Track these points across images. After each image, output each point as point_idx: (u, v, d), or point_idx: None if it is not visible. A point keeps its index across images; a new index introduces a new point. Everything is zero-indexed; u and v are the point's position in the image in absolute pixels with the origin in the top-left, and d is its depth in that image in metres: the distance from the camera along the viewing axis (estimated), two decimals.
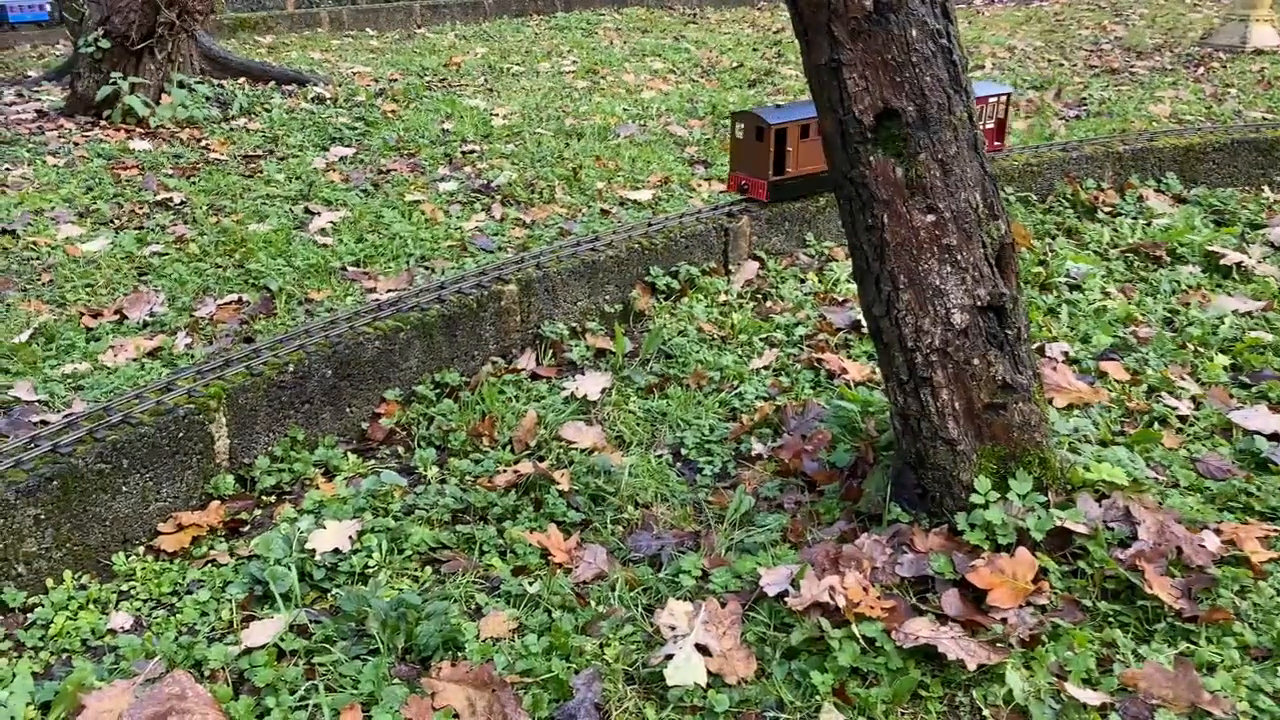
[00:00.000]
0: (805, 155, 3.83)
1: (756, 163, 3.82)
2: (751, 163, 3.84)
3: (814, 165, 3.83)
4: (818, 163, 3.73)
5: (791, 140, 3.77)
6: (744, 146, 3.86)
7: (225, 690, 1.90)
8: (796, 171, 3.86)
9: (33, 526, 2.23)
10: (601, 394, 3.04)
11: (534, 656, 2.00)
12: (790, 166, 3.83)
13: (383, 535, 2.38)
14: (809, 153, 3.83)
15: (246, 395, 2.65)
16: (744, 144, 3.85)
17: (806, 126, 3.79)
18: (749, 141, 3.81)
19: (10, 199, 4.80)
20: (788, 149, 3.78)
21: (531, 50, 9.72)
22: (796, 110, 3.81)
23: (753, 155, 3.81)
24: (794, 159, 3.82)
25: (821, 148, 3.43)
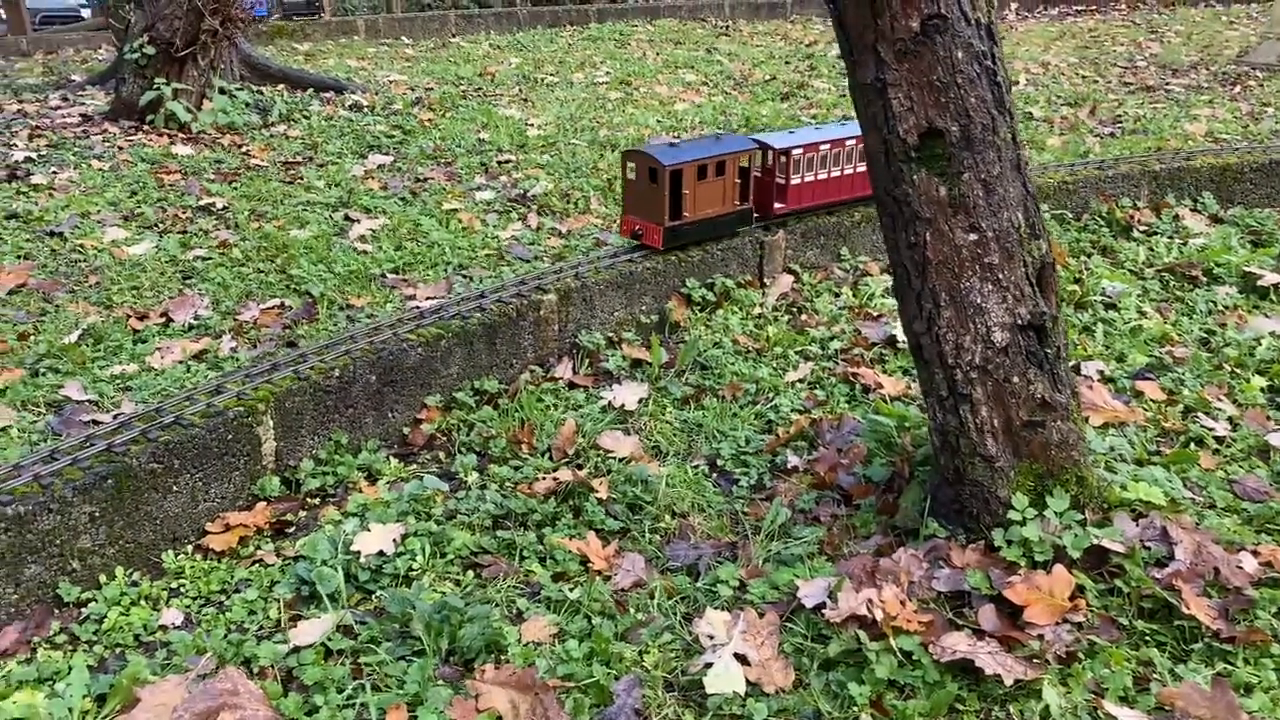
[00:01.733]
0: (704, 198, 3.56)
1: (651, 207, 3.50)
2: (645, 206, 3.53)
3: (713, 208, 3.61)
4: (717, 205, 3.61)
5: (688, 182, 3.47)
6: (636, 189, 3.54)
7: (275, 687, 1.95)
8: (694, 216, 3.55)
9: (88, 524, 2.29)
10: (639, 404, 3.08)
11: (575, 662, 2.04)
12: (688, 210, 3.52)
13: (425, 539, 2.43)
14: (708, 195, 3.57)
15: (293, 399, 2.70)
16: (636, 186, 3.53)
17: (704, 166, 3.50)
18: (642, 183, 3.49)
19: (58, 202, 4.91)
20: (685, 191, 3.48)
21: (565, 61, 9.80)
22: (693, 149, 3.52)
23: (646, 198, 3.50)
24: (691, 202, 3.51)
25: (720, 189, 3.58)
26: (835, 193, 3.99)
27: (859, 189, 4.03)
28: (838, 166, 3.92)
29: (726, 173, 3.57)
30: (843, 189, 4.00)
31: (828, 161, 3.88)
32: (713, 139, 3.61)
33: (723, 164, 3.54)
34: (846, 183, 3.99)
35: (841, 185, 3.99)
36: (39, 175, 5.29)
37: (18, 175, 5.28)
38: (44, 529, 2.21)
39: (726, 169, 3.56)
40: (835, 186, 3.97)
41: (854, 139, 3.88)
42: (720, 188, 3.58)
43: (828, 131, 3.89)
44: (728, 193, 3.62)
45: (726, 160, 3.54)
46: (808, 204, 3.91)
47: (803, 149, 3.77)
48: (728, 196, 3.63)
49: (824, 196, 3.95)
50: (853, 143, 3.89)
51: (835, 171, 3.93)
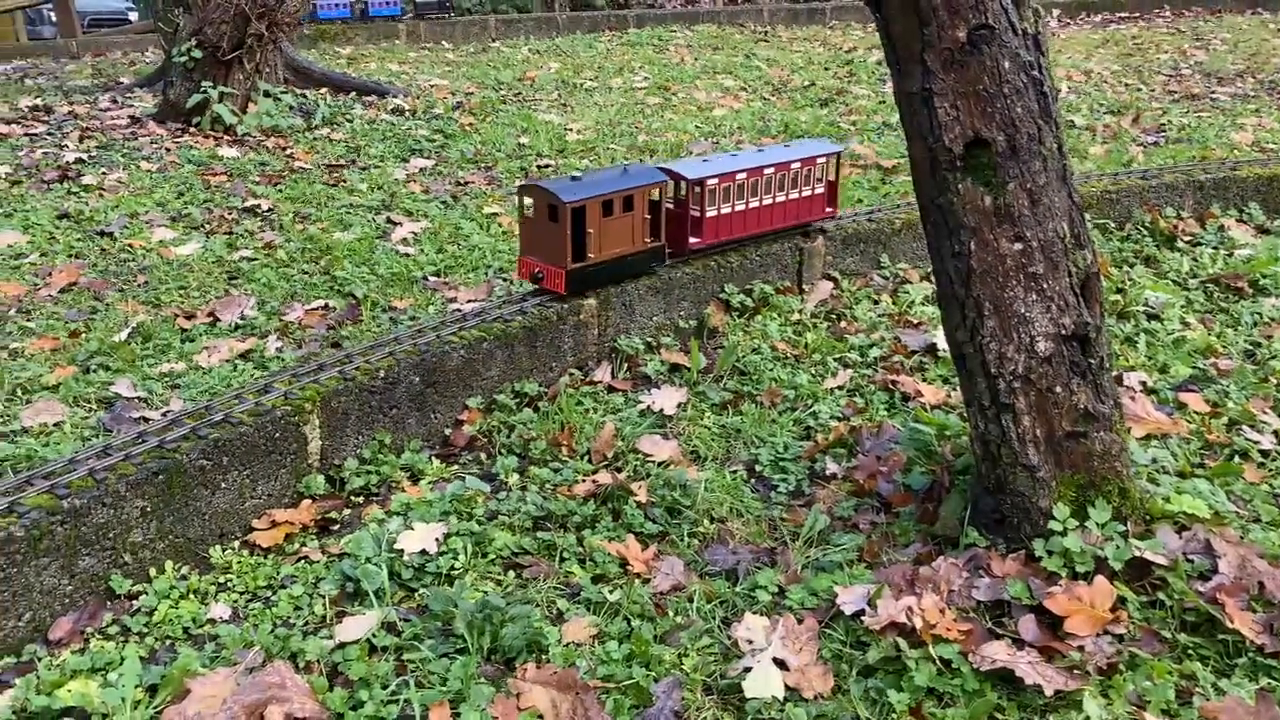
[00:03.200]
0: (611, 236, 3.25)
1: (551, 247, 3.18)
2: (545, 247, 3.21)
3: (622, 247, 3.30)
4: (626, 243, 3.31)
5: (592, 219, 3.17)
6: (535, 227, 3.23)
7: (321, 682, 1.98)
8: (601, 256, 3.24)
9: (139, 518, 2.35)
10: (677, 409, 3.09)
11: (615, 663, 2.06)
12: (593, 251, 3.21)
13: (467, 539, 2.46)
14: (615, 233, 3.26)
15: (339, 399, 2.75)
16: (535, 224, 3.22)
17: (610, 202, 3.20)
18: (541, 221, 3.19)
19: (107, 202, 5.01)
20: (588, 230, 3.17)
21: (604, 66, 9.85)
22: (597, 182, 3.21)
23: (546, 238, 3.19)
24: (596, 242, 3.21)
25: (629, 226, 3.29)
26: (755, 224, 3.70)
27: (780, 220, 3.76)
28: (756, 197, 3.64)
29: (635, 208, 3.29)
30: (763, 220, 3.72)
31: (745, 192, 3.61)
32: (619, 171, 3.31)
33: (630, 198, 3.26)
34: (767, 214, 3.71)
35: (762, 216, 3.70)
36: (89, 176, 5.41)
37: (69, 175, 5.39)
38: (98, 522, 2.27)
39: (635, 203, 3.28)
40: (755, 218, 3.69)
41: (773, 167, 3.64)
42: (629, 224, 3.29)
43: (745, 159, 3.63)
44: (637, 229, 3.33)
45: (635, 194, 3.27)
46: (725, 238, 3.64)
47: (718, 179, 3.51)
48: (637, 233, 3.33)
49: (743, 229, 3.67)
50: (772, 171, 3.64)
51: (754, 202, 3.65)
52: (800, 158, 3.71)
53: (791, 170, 3.69)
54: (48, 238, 4.54)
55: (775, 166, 3.64)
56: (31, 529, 2.15)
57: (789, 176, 3.69)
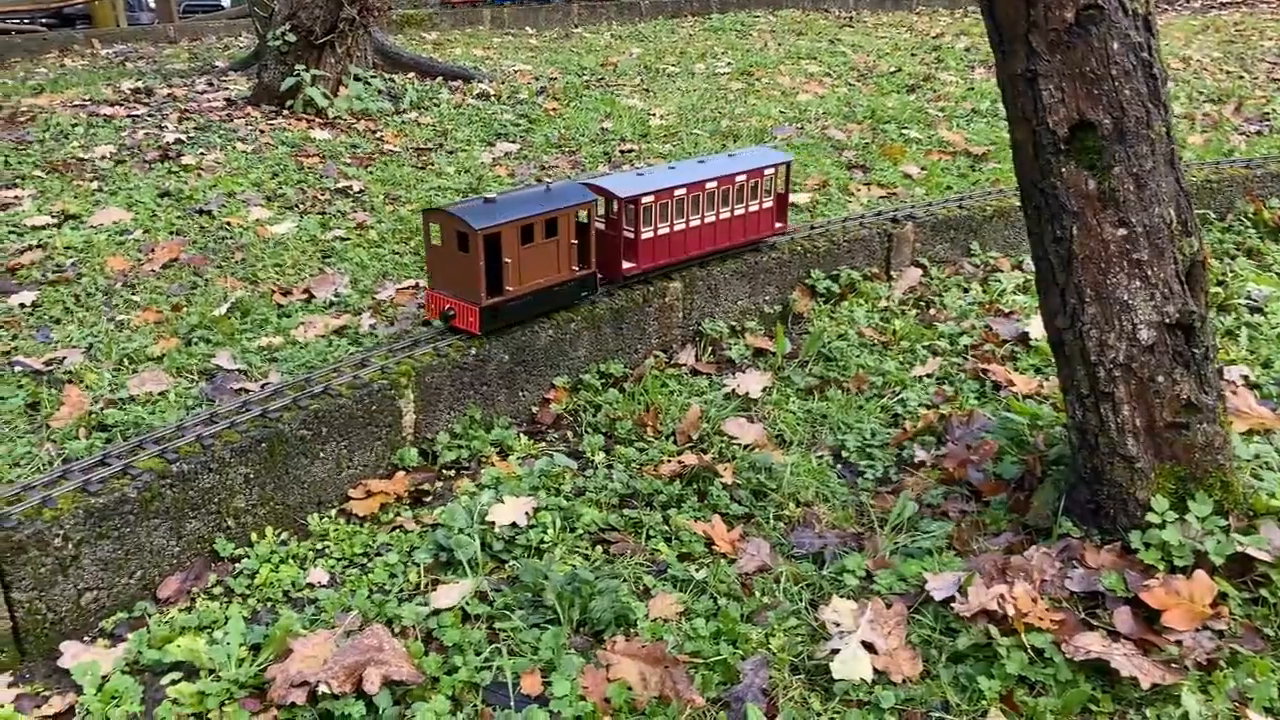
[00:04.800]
0: (531, 265, 2.90)
1: (463, 280, 2.83)
2: (456, 280, 2.86)
3: (545, 276, 2.95)
4: (550, 272, 2.96)
5: (509, 248, 2.82)
6: (443, 258, 2.87)
7: (417, 646, 2.04)
8: (520, 289, 2.90)
9: (242, 484, 2.43)
10: (762, 392, 3.10)
11: (702, 639, 2.08)
12: (511, 283, 2.86)
13: (556, 513, 2.50)
14: (536, 261, 2.91)
15: (433, 374, 2.81)
16: (443, 254, 2.87)
17: (529, 227, 2.86)
18: (449, 251, 2.84)
19: (206, 181, 5.17)
20: (505, 260, 2.82)
21: (686, 51, 9.83)
22: (514, 205, 2.85)
23: (457, 270, 2.83)
24: (515, 272, 2.86)
25: (552, 253, 2.96)
26: (698, 245, 3.37)
27: (725, 238, 3.44)
28: (698, 214, 3.32)
29: (560, 231, 2.94)
30: (705, 240, 3.39)
31: (685, 208, 3.28)
32: (541, 190, 2.98)
33: (554, 221, 2.91)
34: (710, 232, 3.38)
35: (705, 236, 3.37)
36: (188, 156, 5.58)
37: (169, 155, 5.57)
38: (204, 487, 2.36)
39: (560, 227, 2.94)
40: (697, 238, 3.36)
41: (716, 180, 3.31)
42: (552, 251, 2.95)
43: (684, 173, 3.30)
44: (563, 256, 2.99)
45: (558, 216, 2.92)
46: (664, 261, 3.30)
47: (654, 195, 3.17)
48: (563, 261, 3.00)
49: (684, 251, 3.34)
50: (714, 184, 3.31)
51: (695, 220, 3.31)
52: (746, 169, 3.39)
53: (736, 183, 3.37)
54: (150, 215, 4.70)
55: (718, 180, 3.32)
56: (144, 491, 2.24)
57: (734, 190, 3.37)
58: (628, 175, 3.26)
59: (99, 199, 4.84)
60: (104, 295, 3.81)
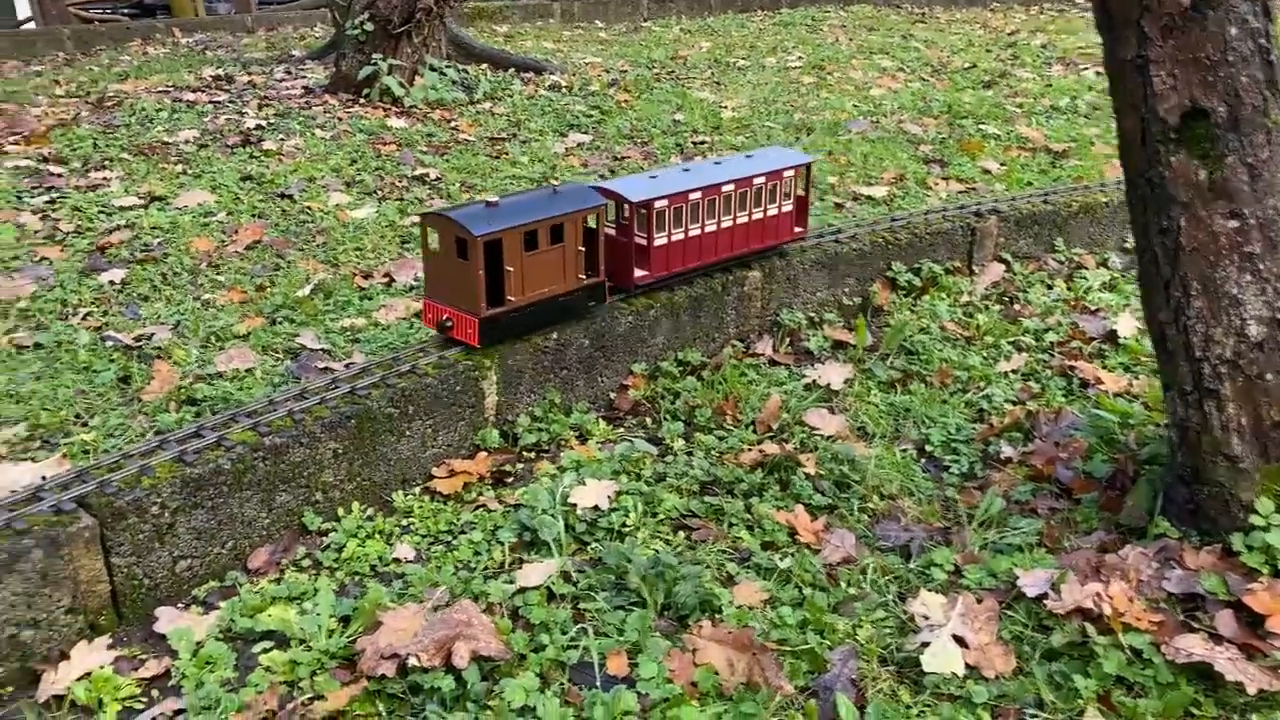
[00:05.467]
0: (535, 274, 2.73)
1: (462, 289, 2.66)
2: (454, 289, 2.69)
3: (550, 286, 2.78)
4: (556, 282, 2.79)
5: (511, 255, 2.65)
6: (442, 265, 2.71)
7: (505, 623, 2.05)
8: (524, 299, 2.73)
9: (331, 459, 2.47)
10: (844, 384, 3.06)
11: (788, 628, 2.06)
12: (513, 293, 2.70)
13: (637, 498, 2.50)
14: (541, 270, 2.74)
15: (515, 357, 2.82)
16: (441, 261, 2.70)
17: (533, 233, 2.68)
18: (448, 258, 2.67)
19: (286, 166, 5.25)
20: (507, 268, 2.66)
21: (756, 45, 9.77)
22: (517, 209, 2.68)
23: (455, 279, 2.67)
24: (517, 281, 2.69)
25: (558, 261, 2.80)
26: (714, 251, 3.20)
27: (742, 244, 3.26)
28: (714, 219, 3.14)
29: (566, 238, 2.77)
30: (722, 246, 3.21)
31: (701, 213, 3.11)
32: (547, 193, 2.81)
33: (559, 227, 2.75)
34: (726, 238, 3.21)
35: (721, 242, 3.20)
36: (269, 141, 5.68)
37: (251, 140, 5.68)
38: (294, 460, 2.39)
39: (566, 233, 2.77)
40: (714, 244, 3.19)
41: (733, 183, 3.14)
42: (558, 258, 2.78)
43: (699, 175, 3.12)
44: (569, 264, 2.81)
45: (565, 222, 2.76)
46: (678, 269, 3.13)
47: (668, 200, 3.00)
48: (569, 269, 2.82)
49: (699, 258, 3.17)
50: (731, 188, 3.14)
51: (711, 225, 3.15)
52: (765, 171, 3.21)
53: (755, 186, 3.20)
54: (233, 198, 4.79)
55: (736, 183, 3.15)
56: (237, 463, 2.28)
57: (751, 193, 3.20)
58: (640, 178, 3.10)
59: (184, 182, 4.95)
60: (190, 275, 3.89)
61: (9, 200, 4.59)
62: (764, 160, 3.27)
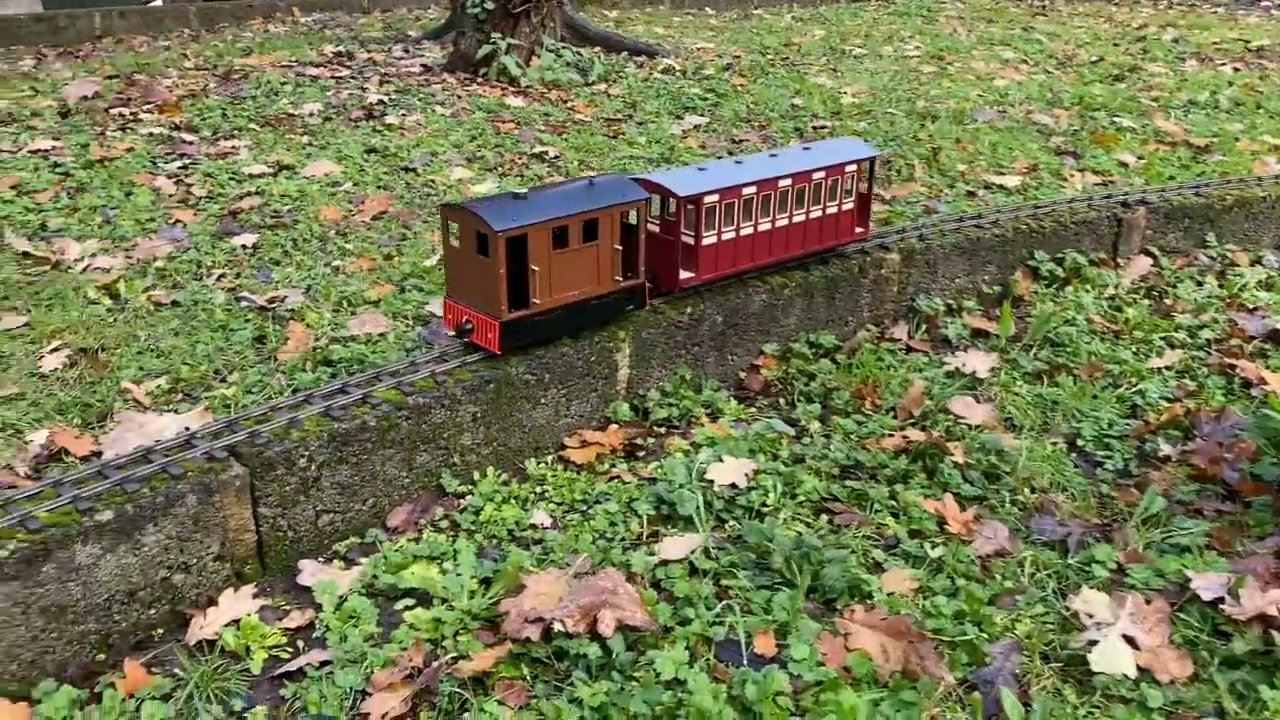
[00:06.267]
0: (565, 274, 2.46)
1: (482, 290, 2.41)
2: (474, 289, 2.44)
3: (581, 288, 2.52)
4: (588, 283, 2.53)
5: (538, 253, 2.39)
6: (462, 262, 2.46)
7: (650, 594, 2.01)
8: (550, 301, 2.47)
9: (470, 423, 2.45)
10: (989, 373, 2.95)
11: (943, 618, 1.97)
12: (539, 295, 2.43)
13: (776, 478, 2.43)
14: (571, 270, 2.47)
15: (649, 330, 2.77)
16: (462, 258, 2.45)
17: (563, 229, 2.42)
18: (468, 255, 2.41)
19: (409, 141, 5.30)
20: (533, 268, 2.39)
21: (870, 35, 9.58)
22: (547, 201, 2.43)
23: (475, 278, 2.42)
24: (543, 283, 2.43)
25: (591, 260, 2.47)
26: (767, 253, 2.93)
27: (798, 245, 2.99)
28: (768, 216, 2.87)
29: (601, 235, 2.51)
30: (776, 247, 2.93)
31: (755, 210, 2.83)
32: (583, 185, 2.54)
33: (594, 222, 2.48)
34: (781, 238, 2.93)
35: (775, 242, 2.92)
36: (391, 116, 5.74)
37: (373, 115, 5.75)
38: (435, 422, 2.38)
39: (601, 229, 2.50)
40: (767, 244, 2.91)
41: (790, 178, 2.85)
42: (591, 257, 2.51)
43: (753, 168, 2.84)
44: (604, 264, 2.55)
45: (600, 217, 2.49)
46: (728, 271, 2.86)
47: (719, 194, 2.73)
48: (604, 269, 2.55)
49: (750, 259, 2.90)
50: (789, 182, 2.85)
51: (765, 223, 2.87)
52: (824, 165, 2.94)
53: (813, 181, 2.93)
54: (358, 169, 4.85)
55: (793, 177, 2.87)
56: (382, 420, 2.28)
57: (810, 189, 2.94)
58: (688, 170, 2.84)
59: (310, 152, 5.03)
60: (319, 241, 3.94)
61: (145, 165, 4.71)
62: (824, 153, 3.00)
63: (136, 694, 1.83)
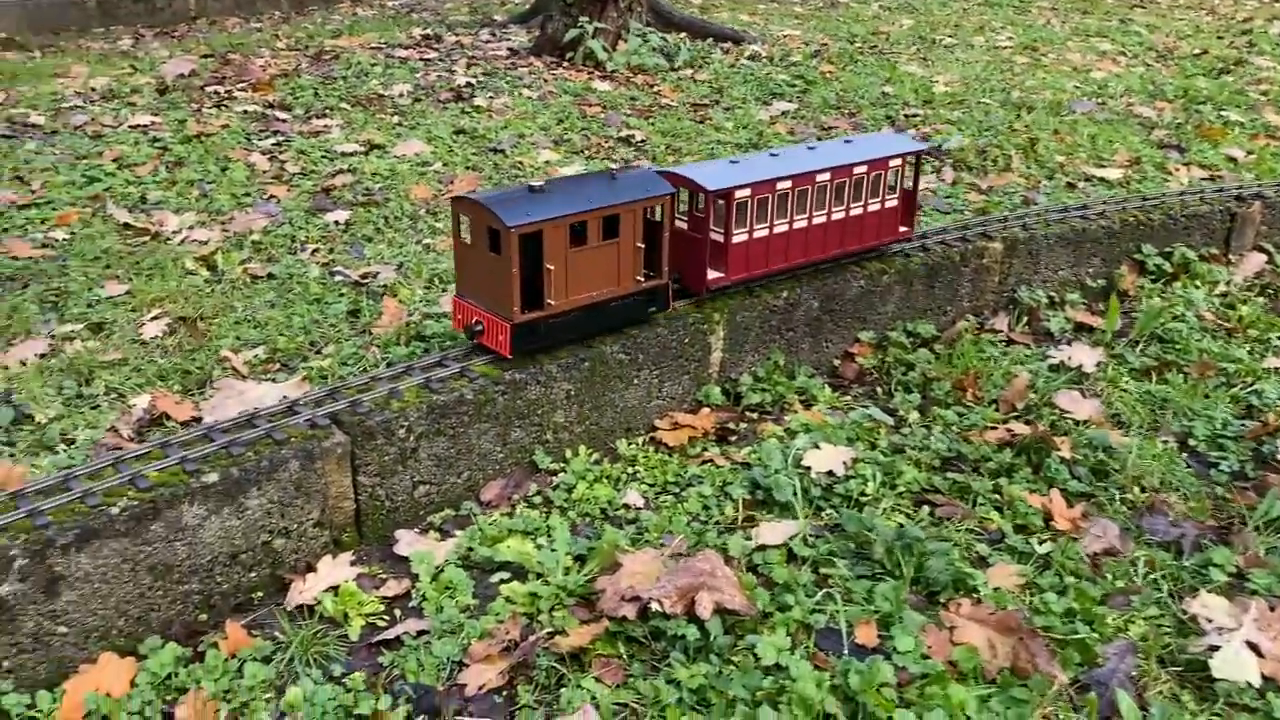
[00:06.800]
0: (582, 274, 2.32)
1: (493, 289, 2.27)
2: (485, 288, 2.30)
3: (600, 288, 2.37)
4: (608, 283, 2.37)
5: (554, 251, 2.24)
6: (473, 258, 2.32)
7: (749, 578, 1.97)
8: (566, 303, 2.32)
9: (564, 400, 2.44)
10: (1096, 368, 2.85)
11: (1053, 615, 1.90)
12: (554, 296, 2.29)
13: (875, 467, 2.37)
14: (589, 269, 2.32)
15: (743, 314, 2.73)
16: (473, 254, 2.31)
17: (580, 224, 2.27)
18: (479, 251, 2.27)
19: (496, 123, 5.32)
20: (547, 267, 2.25)
21: (961, 24, 9.36)
22: (566, 195, 2.28)
23: (486, 276, 2.28)
24: (559, 282, 2.28)
25: (611, 259, 2.32)
26: (802, 252, 2.75)
27: (836, 245, 2.81)
28: (804, 214, 2.69)
29: (623, 231, 2.35)
30: (813, 246, 2.76)
31: (790, 206, 2.66)
32: (604, 179, 2.40)
33: (614, 218, 2.33)
34: (819, 237, 2.76)
35: (812, 241, 2.75)
36: (479, 98, 5.77)
37: (462, 97, 5.78)
38: (530, 398, 2.37)
39: (623, 226, 2.35)
40: (802, 243, 2.74)
41: (829, 172, 2.67)
42: (611, 256, 2.36)
43: (789, 161, 2.66)
44: (625, 263, 2.39)
45: (622, 213, 2.33)
46: (759, 271, 2.70)
47: (751, 189, 2.57)
48: (625, 268, 2.40)
49: (785, 259, 2.72)
50: (827, 177, 2.68)
51: (801, 221, 2.69)
52: (867, 159, 2.76)
53: (854, 175, 2.75)
54: (447, 149, 4.87)
55: (832, 171, 2.69)
56: (479, 394, 2.28)
57: (850, 185, 2.76)
58: (719, 163, 2.70)
59: (400, 132, 5.07)
60: (410, 219, 3.97)
61: (240, 141, 4.80)
62: (867, 146, 2.83)
63: (238, 654, 1.85)
